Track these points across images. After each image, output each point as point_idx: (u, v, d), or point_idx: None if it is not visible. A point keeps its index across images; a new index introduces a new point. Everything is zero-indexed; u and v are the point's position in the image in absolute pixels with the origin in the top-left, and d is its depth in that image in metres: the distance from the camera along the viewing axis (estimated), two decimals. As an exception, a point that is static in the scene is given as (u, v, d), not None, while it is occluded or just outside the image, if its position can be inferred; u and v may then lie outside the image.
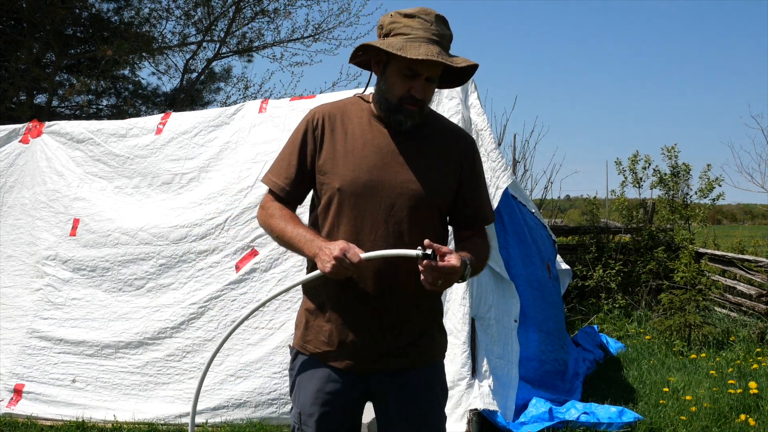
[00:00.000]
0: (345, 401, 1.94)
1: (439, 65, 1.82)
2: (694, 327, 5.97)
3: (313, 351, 1.95)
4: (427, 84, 1.85)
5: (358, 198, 1.87)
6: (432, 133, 1.96)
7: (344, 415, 1.96)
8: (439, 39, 1.82)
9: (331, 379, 1.93)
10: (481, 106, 4.14)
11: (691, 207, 8.16)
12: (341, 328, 1.90)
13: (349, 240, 1.82)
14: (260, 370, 3.95)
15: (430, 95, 1.89)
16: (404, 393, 1.93)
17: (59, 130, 4.81)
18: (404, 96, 1.85)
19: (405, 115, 1.86)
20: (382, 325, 1.89)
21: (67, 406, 4.14)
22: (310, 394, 1.94)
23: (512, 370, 4.02)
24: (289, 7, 13.73)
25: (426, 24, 1.82)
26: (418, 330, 1.94)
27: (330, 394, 1.92)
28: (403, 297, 1.88)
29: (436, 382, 1.99)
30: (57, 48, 11.42)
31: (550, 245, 5.53)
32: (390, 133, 1.91)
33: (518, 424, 3.74)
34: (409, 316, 1.91)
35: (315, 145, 1.93)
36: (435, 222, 1.94)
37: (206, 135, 4.51)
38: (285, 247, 1.93)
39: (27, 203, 4.71)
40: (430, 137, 1.95)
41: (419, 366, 1.95)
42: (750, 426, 3.92)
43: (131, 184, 4.53)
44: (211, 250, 4.18)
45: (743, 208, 30.29)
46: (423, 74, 1.83)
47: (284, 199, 1.97)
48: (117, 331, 4.21)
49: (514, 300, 4.21)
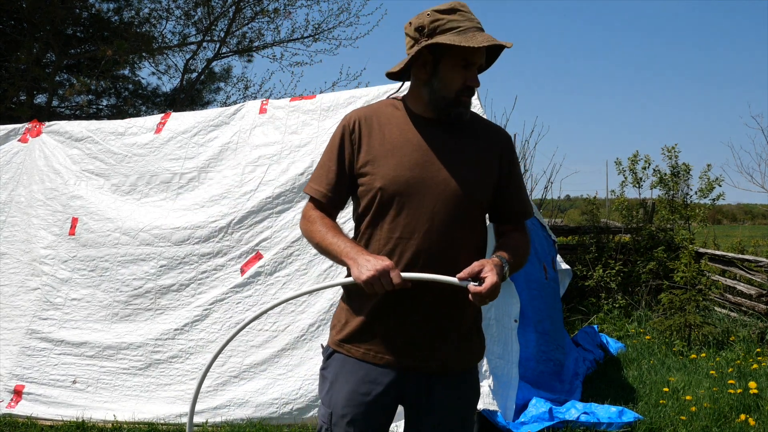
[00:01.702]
0: (380, 404, 1.91)
1: (482, 53, 1.88)
2: (694, 327, 5.97)
3: (351, 349, 1.93)
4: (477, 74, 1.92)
5: (401, 196, 1.86)
6: (471, 130, 1.97)
7: (377, 418, 1.93)
8: (481, 27, 1.87)
9: (368, 380, 1.90)
10: (481, 106, 4.14)
11: (691, 207, 8.16)
12: (386, 327, 1.89)
13: (392, 238, 1.84)
14: (264, 372, 3.96)
15: (478, 82, 1.92)
16: (437, 398, 1.91)
17: (58, 129, 4.82)
18: (461, 89, 1.88)
19: (464, 107, 1.91)
20: (428, 327, 1.88)
21: (68, 407, 4.14)
22: (345, 394, 1.91)
23: (512, 370, 4.03)
24: (289, 7, 13.73)
25: (468, 15, 1.87)
26: (461, 333, 1.93)
27: (365, 395, 1.90)
28: (449, 301, 1.88)
29: (470, 387, 1.99)
30: (57, 48, 11.43)
31: (548, 246, 5.53)
32: (429, 132, 1.92)
33: (518, 424, 3.74)
34: (454, 319, 1.91)
35: (353, 149, 1.93)
36: (477, 219, 1.95)
37: (206, 135, 4.52)
38: (324, 255, 1.92)
39: (23, 201, 4.70)
40: (470, 134, 1.96)
41: (457, 370, 1.94)
42: (750, 426, 3.93)
43: (128, 182, 4.53)
44: (215, 253, 4.19)
45: (743, 208, 30.28)
46: (477, 62, 1.88)
47: (326, 205, 1.97)
48: (120, 332, 4.21)
49: (514, 300, 4.21)
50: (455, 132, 1.94)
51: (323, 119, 4.32)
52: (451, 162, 1.89)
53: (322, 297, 3.96)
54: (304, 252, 4.06)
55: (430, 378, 1.91)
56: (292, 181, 4.16)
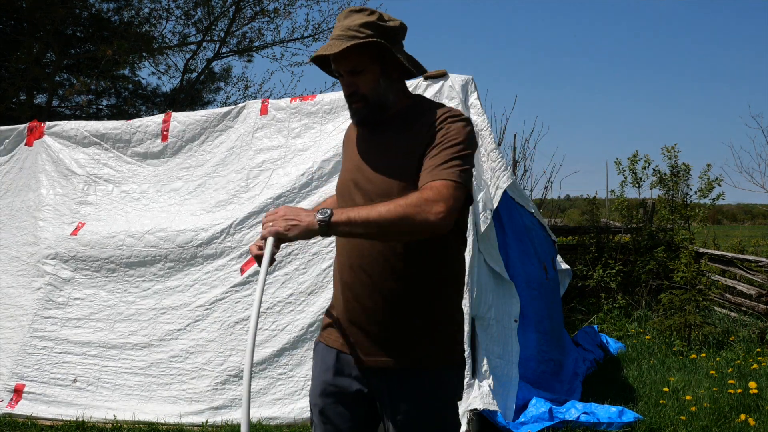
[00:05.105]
0: (346, 395, 1.91)
1: (346, 58, 1.83)
2: (694, 327, 5.97)
3: (322, 339, 2.00)
4: (358, 77, 1.85)
5: (341, 198, 1.98)
6: (402, 122, 1.90)
7: (347, 409, 1.92)
8: (341, 32, 1.82)
9: (335, 370, 1.92)
10: (481, 106, 4.14)
11: (691, 207, 8.15)
12: (340, 318, 1.93)
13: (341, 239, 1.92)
14: (264, 371, 3.97)
15: (367, 87, 1.86)
16: (397, 396, 1.86)
17: (61, 132, 4.82)
18: (346, 96, 1.90)
19: (354, 113, 1.92)
20: (366, 318, 1.86)
21: (68, 406, 4.14)
22: (317, 384, 1.97)
23: (512, 370, 4.03)
24: (289, 7, 13.73)
25: (338, 24, 1.86)
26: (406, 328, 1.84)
27: (333, 386, 1.92)
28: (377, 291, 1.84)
29: (438, 389, 1.86)
30: (57, 48, 11.43)
31: (548, 246, 5.54)
32: (361, 135, 1.98)
33: (518, 424, 3.75)
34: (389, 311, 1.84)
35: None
36: None
37: (213, 141, 4.56)
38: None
39: (32, 205, 4.72)
40: (399, 127, 1.89)
41: (413, 368, 1.84)
42: (750, 426, 3.93)
43: (139, 189, 4.57)
44: (218, 254, 4.20)
45: (743, 208, 30.27)
46: (340, 70, 1.87)
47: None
48: (124, 332, 4.23)
49: (514, 300, 4.21)
50: (385, 129, 1.91)
51: (325, 122, 4.34)
52: (377, 159, 1.89)
53: (322, 296, 3.97)
54: (303, 251, 4.08)
55: (390, 373, 1.86)
56: (293, 183, 4.18)
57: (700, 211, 8.12)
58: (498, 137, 9.15)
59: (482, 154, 4.11)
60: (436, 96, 4.06)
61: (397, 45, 1.89)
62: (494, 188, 4.06)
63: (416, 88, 4.13)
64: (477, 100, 4.15)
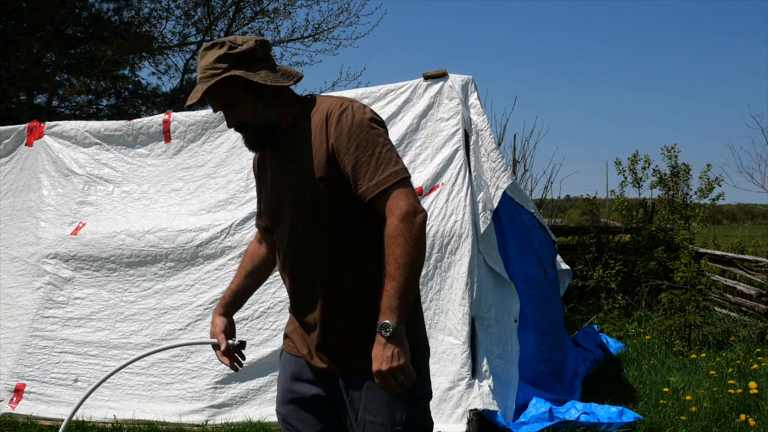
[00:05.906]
0: (305, 400, 1.92)
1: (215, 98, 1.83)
2: (694, 327, 5.97)
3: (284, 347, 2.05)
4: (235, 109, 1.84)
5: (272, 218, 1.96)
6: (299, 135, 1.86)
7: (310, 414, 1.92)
8: (201, 74, 1.81)
9: (293, 376, 1.95)
10: (481, 106, 4.14)
11: (691, 207, 8.15)
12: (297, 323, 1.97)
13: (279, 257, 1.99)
14: (264, 371, 3.97)
15: (246, 114, 1.84)
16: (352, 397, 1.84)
17: (61, 132, 4.82)
18: (233, 128, 1.90)
19: (245, 143, 1.92)
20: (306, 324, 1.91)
21: (68, 405, 4.14)
22: (279, 391, 2.01)
23: (512, 370, 4.03)
24: (289, 7, 13.73)
25: (198, 65, 1.87)
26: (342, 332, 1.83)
27: (292, 392, 1.95)
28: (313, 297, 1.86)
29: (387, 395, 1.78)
30: (57, 48, 11.44)
31: (548, 246, 5.54)
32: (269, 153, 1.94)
33: (518, 424, 3.75)
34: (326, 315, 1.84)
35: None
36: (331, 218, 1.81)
37: (213, 141, 4.55)
38: None
39: (33, 205, 4.73)
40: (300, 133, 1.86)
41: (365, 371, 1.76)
42: (750, 426, 3.93)
43: (139, 190, 4.58)
44: (219, 254, 4.21)
45: (743, 208, 30.26)
46: (214, 107, 1.87)
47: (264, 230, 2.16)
48: (125, 332, 4.23)
49: (514, 300, 4.21)
50: (285, 142, 1.89)
51: None
52: (288, 171, 1.87)
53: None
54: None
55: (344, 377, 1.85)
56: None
57: (700, 211, 8.12)
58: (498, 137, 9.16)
59: (482, 154, 4.11)
60: (436, 96, 4.06)
61: (258, 64, 1.83)
62: (494, 188, 4.06)
63: (416, 88, 4.13)
64: (477, 100, 4.15)
